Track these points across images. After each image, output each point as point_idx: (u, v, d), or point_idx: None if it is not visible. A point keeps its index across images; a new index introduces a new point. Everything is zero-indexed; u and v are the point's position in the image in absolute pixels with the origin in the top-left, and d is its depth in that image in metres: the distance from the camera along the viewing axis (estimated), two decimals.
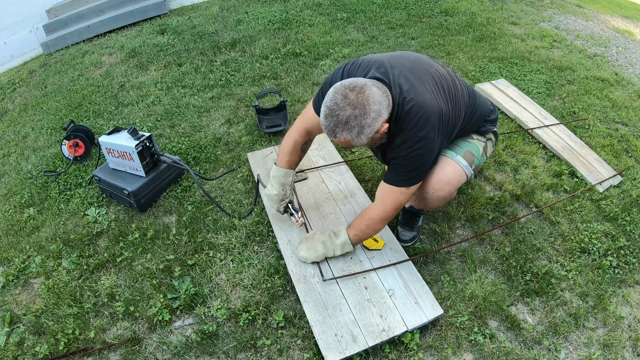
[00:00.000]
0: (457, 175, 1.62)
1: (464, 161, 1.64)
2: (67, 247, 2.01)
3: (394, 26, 4.01)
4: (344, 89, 1.30)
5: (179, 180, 2.31)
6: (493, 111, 1.77)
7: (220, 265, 1.85)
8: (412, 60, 1.51)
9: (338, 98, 1.29)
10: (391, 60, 1.47)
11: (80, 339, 1.62)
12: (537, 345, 1.57)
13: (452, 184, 1.61)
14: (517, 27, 4.13)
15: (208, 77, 3.30)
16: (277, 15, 4.24)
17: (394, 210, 1.54)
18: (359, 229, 1.63)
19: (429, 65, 1.51)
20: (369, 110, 1.28)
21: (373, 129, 1.30)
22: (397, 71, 1.42)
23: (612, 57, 3.72)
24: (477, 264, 1.84)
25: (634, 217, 2.07)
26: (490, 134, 1.78)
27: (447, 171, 1.60)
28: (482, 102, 1.71)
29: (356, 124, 1.28)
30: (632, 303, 1.72)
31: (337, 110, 1.29)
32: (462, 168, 1.63)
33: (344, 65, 1.56)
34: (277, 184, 1.77)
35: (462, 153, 1.65)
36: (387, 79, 1.40)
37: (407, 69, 1.44)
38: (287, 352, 1.54)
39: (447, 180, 1.60)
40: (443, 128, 1.43)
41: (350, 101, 1.28)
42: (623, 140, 2.63)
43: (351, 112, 1.28)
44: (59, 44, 4.28)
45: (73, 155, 2.49)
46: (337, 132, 1.31)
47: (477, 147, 1.70)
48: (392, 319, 1.53)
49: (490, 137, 1.79)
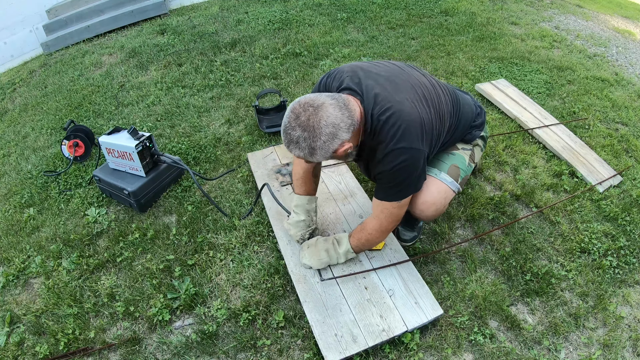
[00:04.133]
0: (442, 194, 1.58)
1: (448, 178, 1.60)
2: (67, 247, 2.01)
3: (394, 26, 4.01)
4: (298, 107, 1.26)
5: (179, 180, 2.31)
6: (479, 114, 1.71)
7: (220, 265, 1.85)
8: (390, 69, 1.47)
9: (291, 117, 1.26)
10: (367, 70, 1.44)
11: (80, 339, 1.62)
12: (537, 345, 1.57)
13: (438, 204, 1.58)
14: (517, 27, 4.13)
15: (208, 77, 3.30)
16: (277, 15, 4.24)
17: (391, 224, 1.52)
18: (360, 242, 1.62)
19: (408, 75, 1.47)
20: (320, 133, 1.24)
21: (326, 151, 1.27)
22: (371, 81, 1.38)
23: (612, 57, 3.72)
24: (477, 264, 1.84)
25: (634, 217, 2.07)
26: (477, 140, 1.73)
27: (432, 191, 1.57)
28: (466, 108, 1.65)
29: (306, 145, 1.26)
30: (632, 303, 1.72)
31: (289, 129, 1.26)
32: (448, 185, 1.59)
33: (325, 76, 1.52)
34: (302, 211, 1.74)
35: (447, 169, 1.61)
36: (360, 90, 1.36)
37: (383, 79, 1.40)
38: (287, 352, 1.54)
39: (433, 201, 1.57)
40: (426, 136, 1.37)
41: (301, 122, 1.24)
42: (623, 140, 2.63)
43: (300, 133, 1.25)
44: (59, 44, 4.28)
45: (73, 155, 2.49)
46: (291, 149, 1.30)
47: (463, 157, 1.66)
48: (392, 319, 1.53)
49: (477, 143, 1.74)
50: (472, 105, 1.71)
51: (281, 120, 2.49)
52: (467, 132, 1.68)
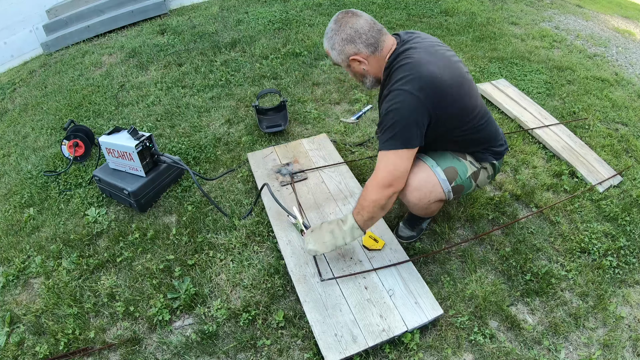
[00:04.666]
0: (429, 185, 1.55)
1: (442, 174, 1.56)
2: (67, 247, 2.01)
3: (394, 26, 4.01)
4: (344, 12, 1.45)
5: (179, 180, 2.31)
6: (502, 145, 1.67)
7: (220, 265, 1.85)
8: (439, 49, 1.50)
9: (335, 16, 1.47)
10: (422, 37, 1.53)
11: (80, 339, 1.62)
12: (537, 345, 1.57)
13: (422, 192, 1.54)
14: (517, 27, 4.13)
15: (208, 77, 3.30)
16: (277, 15, 4.24)
17: (386, 177, 1.43)
18: (360, 206, 1.51)
19: (456, 61, 1.51)
20: (343, 31, 1.41)
21: (341, 51, 1.44)
22: (416, 42, 1.46)
23: (612, 57, 3.72)
24: (477, 264, 1.84)
25: (634, 217, 2.07)
26: (488, 164, 1.67)
27: (420, 177, 1.54)
28: (493, 127, 1.63)
29: (330, 36, 1.46)
30: (632, 303, 1.72)
31: (329, 23, 1.47)
32: (438, 179, 1.55)
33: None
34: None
35: (445, 166, 1.58)
36: (403, 39, 1.48)
37: (427, 45, 1.47)
38: (287, 352, 1.54)
39: (417, 186, 1.53)
40: (430, 92, 1.35)
41: (337, 19, 1.44)
42: (623, 140, 2.63)
43: (332, 26, 1.45)
44: (59, 44, 4.28)
45: (73, 155, 2.49)
46: (323, 40, 1.51)
47: (466, 168, 1.62)
48: (392, 319, 1.53)
49: (486, 167, 1.68)
50: (499, 132, 1.68)
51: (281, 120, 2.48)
52: (483, 148, 1.63)
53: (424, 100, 1.36)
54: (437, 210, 1.73)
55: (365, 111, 2.80)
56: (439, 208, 1.73)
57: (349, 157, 2.41)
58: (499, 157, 1.68)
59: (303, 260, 1.76)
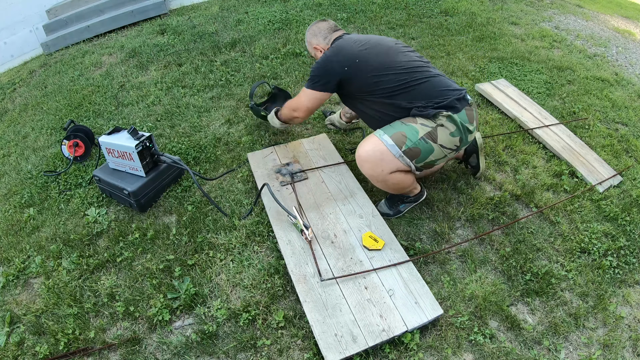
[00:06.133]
0: (377, 153, 1.71)
1: (389, 140, 1.70)
2: (67, 247, 2.01)
3: (394, 26, 4.01)
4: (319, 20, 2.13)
5: (179, 180, 2.31)
6: (449, 98, 1.74)
7: (220, 265, 1.85)
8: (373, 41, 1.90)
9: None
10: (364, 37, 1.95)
11: (80, 339, 1.62)
12: (537, 345, 1.57)
13: (371, 161, 1.73)
14: (517, 27, 4.13)
15: (208, 77, 3.30)
16: (277, 15, 4.24)
17: (295, 103, 2.01)
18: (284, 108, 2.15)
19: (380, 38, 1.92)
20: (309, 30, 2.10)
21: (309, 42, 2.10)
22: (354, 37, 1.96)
23: (612, 57, 3.72)
24: (477, 264, 1.84)
25: (634, 217, 2.07)
26: (443, 119, 1.71)
27: (366, 148, 1.74)
28: (436, 84, 1.78)
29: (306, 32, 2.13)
30: (632, 303, 1.72)
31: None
32: (385, 145, 1.70)
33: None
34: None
35: (391, 133, 1.72)
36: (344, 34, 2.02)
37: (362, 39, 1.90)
38: (287, 352, 1.54)
39: (366, 158, 1.74)
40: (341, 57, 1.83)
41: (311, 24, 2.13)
42: (623, 140, 2.63)
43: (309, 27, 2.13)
44: (59, 44, 4.28)
45: (73, 155, 2.49)
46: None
47: (416, 130, 1.71)
48: (392, 319, 1.53)
49: (442, 123, 1.71)
50: (447, 90, 1.77)
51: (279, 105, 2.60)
52: (425, 105, 1.74)
53: (334, 62, 1.83)
54: (403, 183, 1.82)
55: None
56: (405, 182, 1.82)
57: (349, 157, 2.41)
58: (451, 107, 1.73)
59: (303, 260, 1.76)
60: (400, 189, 1.87)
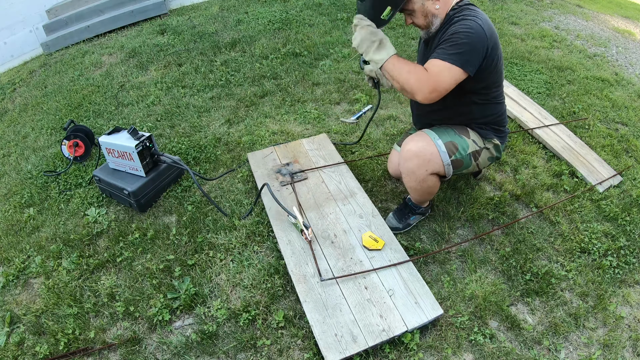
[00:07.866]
0: (428, 153, 1.63)
1: (443, 146, 1.65)
2: (67, 247, 2.01)
3: (394, 26, 4.01)
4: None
5: (179, 180, 2.31)
6: (505, 128, 1.82)
7: (220, 265, 1.85)
8: None
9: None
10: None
11: (80, 339, 1.62)
12: (537, 345, 1.57)
13: (421, 159, 1.63)
14: (517, 27, 4.13)
15: (208, 77, 3.30)
16: (277, 15, 4.24)
17: (433, 82, 1.42)
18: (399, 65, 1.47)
19: None
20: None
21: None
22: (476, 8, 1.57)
23: (612, 57, 3.72)
24: (477, 264, 1.84)
25: (634, 217, 2.07)
26: (491, 145, 1.79)
27: (420, 144, 1.65)
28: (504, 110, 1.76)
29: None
30: (632, 303, 1.72)
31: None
32: (438, 149, 1.64)
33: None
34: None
35: (446, 140, 1.67)
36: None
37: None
38: (287, 352, 1.54)
39: (417, 152, 1.63)
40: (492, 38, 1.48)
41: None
42: (623, 140, 2.63)
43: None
44: (59, 44, 4.28)
45: (73, 155, 2.49)
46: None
47: (467, 145, 1.71)
48: (392, 319, 1.53)
49: (489, 147, 1.78)
50: (506, 115, 1.81)
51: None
52: (490, 125, 1.73)
53: (487, 39, 1.45)
54: (435, 187, 1.78)
55: (365, 111, 2.80)
56: (437, 186, 1.78)
57: (349, 157, 2.41)
58: (502, 137, 1.77)
59: (303, 260, 1.76)
60: (429, 193, 1.80)
